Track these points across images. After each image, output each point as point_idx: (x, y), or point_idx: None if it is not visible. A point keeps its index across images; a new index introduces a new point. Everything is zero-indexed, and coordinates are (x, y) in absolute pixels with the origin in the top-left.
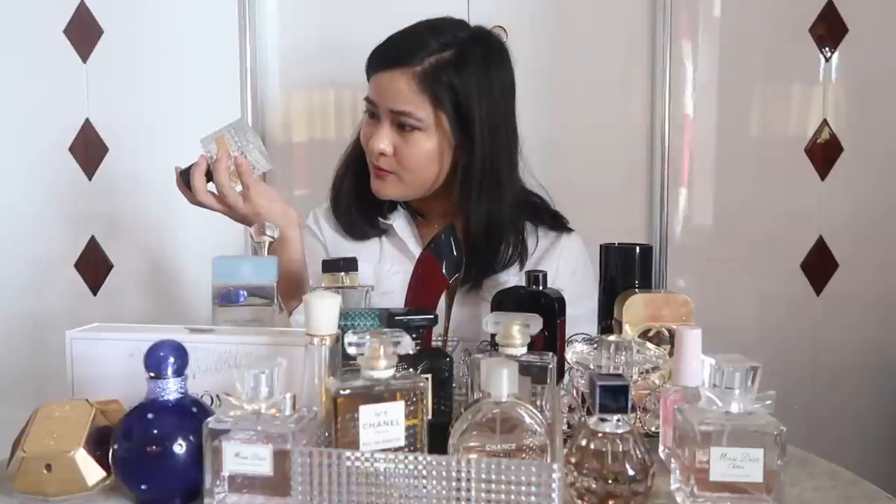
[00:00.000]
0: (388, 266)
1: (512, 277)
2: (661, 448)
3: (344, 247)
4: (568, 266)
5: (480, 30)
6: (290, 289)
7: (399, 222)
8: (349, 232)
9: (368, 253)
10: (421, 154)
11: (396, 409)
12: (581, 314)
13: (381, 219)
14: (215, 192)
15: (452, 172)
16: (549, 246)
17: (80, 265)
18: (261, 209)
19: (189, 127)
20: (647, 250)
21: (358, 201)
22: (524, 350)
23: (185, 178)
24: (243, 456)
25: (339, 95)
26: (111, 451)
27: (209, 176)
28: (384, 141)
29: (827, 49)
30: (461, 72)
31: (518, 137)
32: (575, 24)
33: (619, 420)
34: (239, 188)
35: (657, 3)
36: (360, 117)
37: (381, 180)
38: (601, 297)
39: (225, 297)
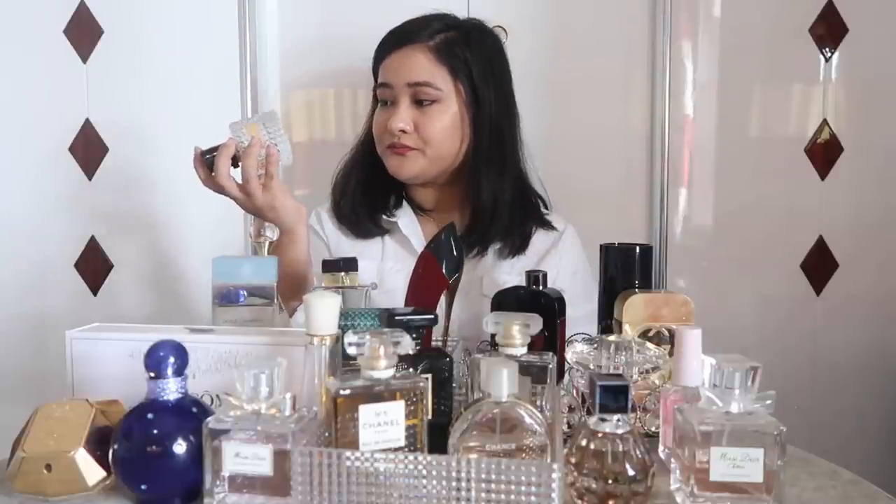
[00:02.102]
0: (390, 264)
1: (514, 277)
2: (661, 448)
3: (345, 246)
4: (569, 267)
5: (475, 19)
6: (294, 286)
7: (404, 220)
8: (355, 231)
9: (371, 251)
10: (441, 126)
11: (396, 409)
12: (580, 316)
13: (385, 216)
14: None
15: (465, 153)
16: (550, 245)
17: (80, 265)
18: (276, 202)
19: (189, 127)
20: (647, 250)
21: (364, 198)
22: (524, 350)
23: (206, 159)
24: (243, 456)
25: (339, 95)
26: (111, 451)
27: (234, 161)
28: (403, 118)
29: (827, 49)
30: (469, 48)
31: (519, 120)
32: (575, 25)
33: (619, 420)
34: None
35: (657, 3)
36: (361, 118)
37: (401, 157)
38: (601, 296)
39: (225, 297)
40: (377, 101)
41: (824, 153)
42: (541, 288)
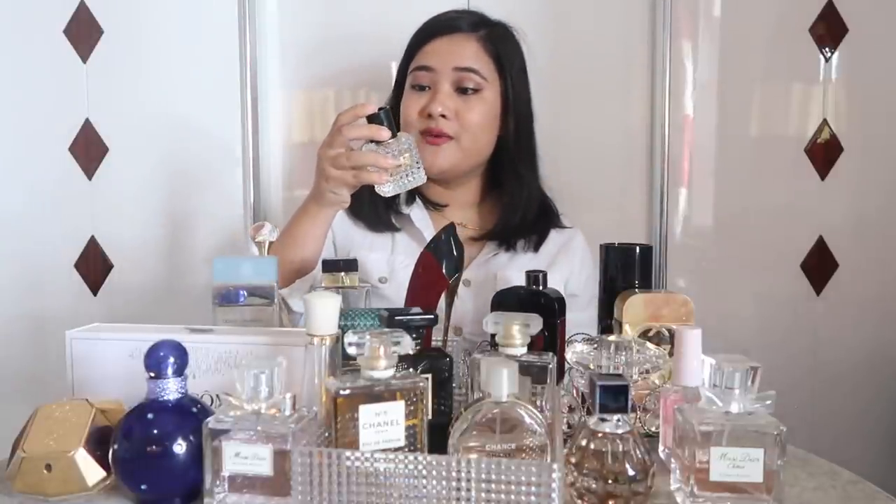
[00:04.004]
0: (401, 258)
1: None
2: (661, 448)
3: (356, 238)
4: (584, 272)
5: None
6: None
7: (416, 213)
8: (369, 224)
9: (382, 243)
10: (481, 115)
11: (396, 409)
12: (586, 317)
13: (396, 212)
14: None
15: (493, 150)
16: (565, 242)
17: (80, 265)
18: (334, 186)
19: (189, 127)
20: (647, 250)
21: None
22: (524, 350)
23: (377, 119)
24: (243, 456)
25: (339, 95)
26: (111, 451)
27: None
28: (445, 102)
29: (827, 49)
30: (509, 44)
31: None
32: (575, 24)
33: (619, 420)
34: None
35: (657, 3)
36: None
37: (436, 147)
38: (601, 296)
39: (225, 297)
40: (400, 90)
41: (824, 153)
42: (541, 288)
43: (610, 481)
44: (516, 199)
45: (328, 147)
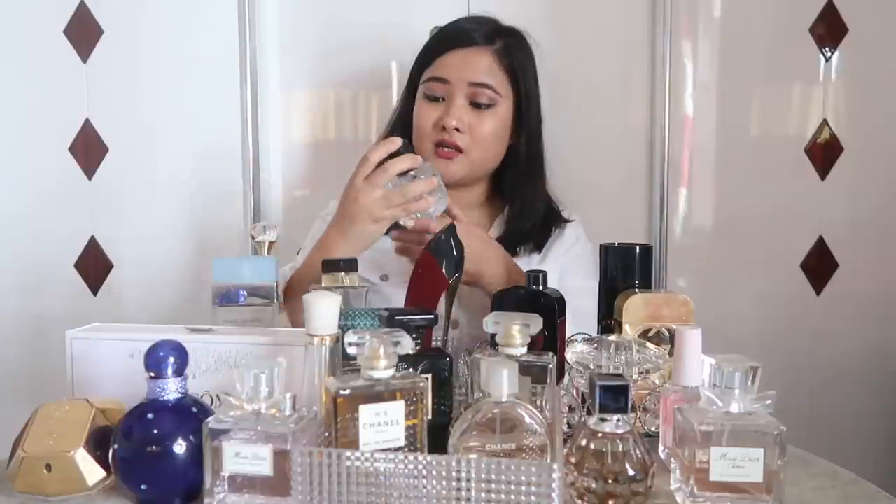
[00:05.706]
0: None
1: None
2: (661, 448)
3: None
4: (575, 248)
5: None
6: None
7: None
8: None
9: (385, 242)
10: (493, 129)
11: (396, 408)
12: (586, 306)
13: None
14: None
15: (502, 157)
16: (559, 234)
17: (80, 265)
18: (367, 224)
19: (189, 127)
20: (647, 250)
21: None
22: (524, 350)
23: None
24: (243, 456)
25: (338, 96)
26: (111, 451)
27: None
28: (460, 116)
29: (827, 49)
30: (523, 54)
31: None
32: (575, 25)
33: (619, 420)
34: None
35: (657, 3)
36: (361, 118)
37: (447, 160)
38: (601, 296)
39: (225, 297)
40: (411, 96)
41: (824, 153)
42: (541, 288)
43: (610, 481)
44: (526, 206)
45: (371, 188)
